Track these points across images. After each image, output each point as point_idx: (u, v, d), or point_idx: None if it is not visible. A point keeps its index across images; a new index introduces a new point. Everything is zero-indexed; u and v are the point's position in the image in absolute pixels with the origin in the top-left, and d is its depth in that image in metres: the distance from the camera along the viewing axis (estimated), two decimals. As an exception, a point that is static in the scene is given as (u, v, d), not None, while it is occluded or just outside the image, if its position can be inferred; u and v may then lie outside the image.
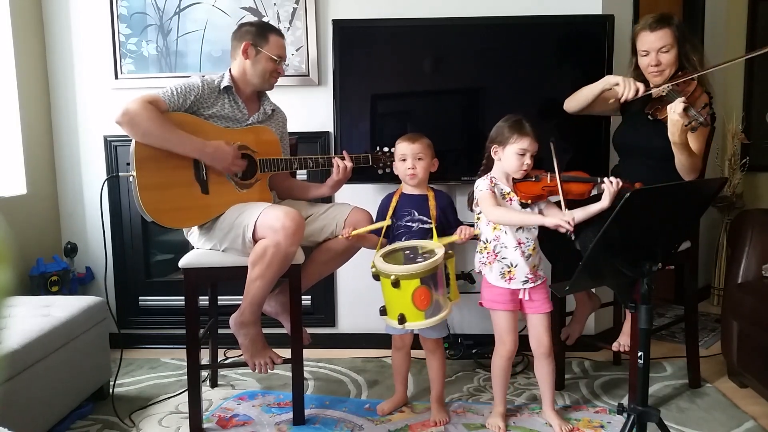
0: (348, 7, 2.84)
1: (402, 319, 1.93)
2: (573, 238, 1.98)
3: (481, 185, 2.08)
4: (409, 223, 2.15)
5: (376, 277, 1.96)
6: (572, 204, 2.06)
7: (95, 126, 3.01)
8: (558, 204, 2.08)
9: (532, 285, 2.06)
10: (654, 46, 2.23)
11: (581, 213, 1.99)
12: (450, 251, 2.01)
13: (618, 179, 2.00)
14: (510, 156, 2.04)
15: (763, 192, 3.69)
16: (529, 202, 2.05)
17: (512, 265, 2.05)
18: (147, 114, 2.01)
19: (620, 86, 2.22)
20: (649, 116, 2.23)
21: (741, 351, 2.36)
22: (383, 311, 2.03)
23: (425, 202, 2.17)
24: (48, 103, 3.04)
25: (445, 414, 2.23)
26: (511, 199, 2.07)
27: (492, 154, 2.10)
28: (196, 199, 2.12)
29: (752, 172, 3.63)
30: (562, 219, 1.92)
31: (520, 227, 2.05)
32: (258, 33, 2.24)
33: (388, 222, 2.15)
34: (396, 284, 1.90)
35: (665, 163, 2.20)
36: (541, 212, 2.09)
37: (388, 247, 2.08)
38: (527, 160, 2.03)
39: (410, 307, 1.91)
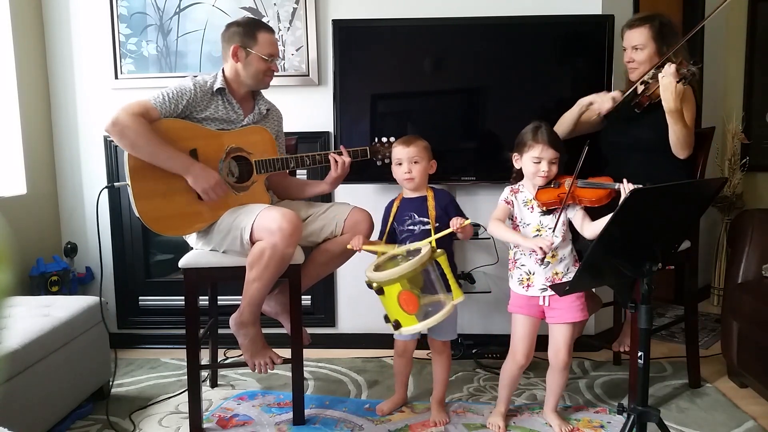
0: (348, 7, 2.84)
1: (397, 325, 1.89)
2: (541, 263, 2.00)
3: (503, 194, 2.09)
4: (411, 227, 2.14)
5: (370, 285, 1.94)
6: (591, 211, 2.01)
7: (95, 126, 3.01)
8: (587, 210, 2.02)
9: (552, 293, 2.01)
10: (629, 44, 2.32)
11: (602, 225, 1.95)
12: (439, 249, 1.92)
13: (635, 186, 1.90)
14: (527, 164, 2.03)
15: (763, 192, 3.69)
16: (544, 209, 2.02)
17: (530, 273, 2.03)
18: (136, 128, 1.97)
19: (595, 103, 2.33)
20: (636, 109, 2.26)
21: (741, 351, 2.36)
22: (387, 319, 1.97)
23: (424, 203, 2.15)
24: (48, 103, 3.04)
25: (445, 414, 2.23)
26: (532, 207, 2.05)
27: (514, 162, 2.09)
28: (192, 206, 2.10)
29: (752, 172, 3.63)
30: (537, 245, 1.90)
31: (537, 234, 2.01)
32: (246, 33, 2.19)
33: (396, 250, 2.04)
34: (380, 291, 1.87)
35: (653, 154, 2.23)
36: (568, 222, 2.03)
37: (388, 254, 2.04)
38: (543, 167, 1.99)
39: (401, 313, 1.87)
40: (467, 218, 2.04)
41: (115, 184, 2.40)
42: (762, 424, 2.15)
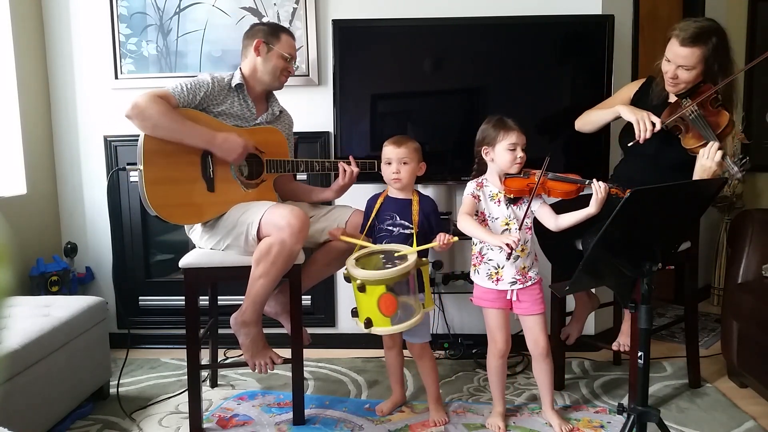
0: (348, 7, 2.84)
1: (368, 323, 1.91)
2: (508, 258, 1.96)
3: (468, 188, 2.10)
4: (390, 227, 2.13)
5: (348, 279, 1.94)
6: (561, 204, 2.05)
7: (95, 126, 3.01)
8: (552, 206, 2.06)
9: (521, 286, 2.05)
10: (677, 61, 2.10)
11: (569, 218, 1.98)
12: (424, 258, 1.96)
13: (606, 184, 1.92)
14: (501, 153, 2.04)
15: (763, 192, 3.69)
16: (512, 196, 2.03)
17: (499, 266, 2.05)
18: (157, 107, 2.02)
19: (635, 125, 2.11)
20: (665, 127, 2.14)
21: (741, 351, 2.36)
22: (354, 313, 2.00)
23: (408, 206, 2.14)
24: (48, 103, 3.04)
25: (444, 414, 2.23)
26: (499, 201, 2.06)
27: (483, 155, 2.09)
28: (201, 196, 2.13)
29: (752, 172, 3.63)
30: (504, 241, 1.89)
31: (506, 229, 2.03)
32: (270, 32, 2.27)
33: (367, 243, 2.09)
34: (362, 289, 1.88)
35: (673, 172, 2.15)
36: (526, 214, 2.04)
37: (365, 250, 2.05)
38: (519, 154, 2.02)
39: (376, 313, 1.89)
40: (452, 234, 2.03)
41: (127, 166, 2.37)
42: (762, 424, 2.15)
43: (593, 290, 2.58)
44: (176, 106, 2.09)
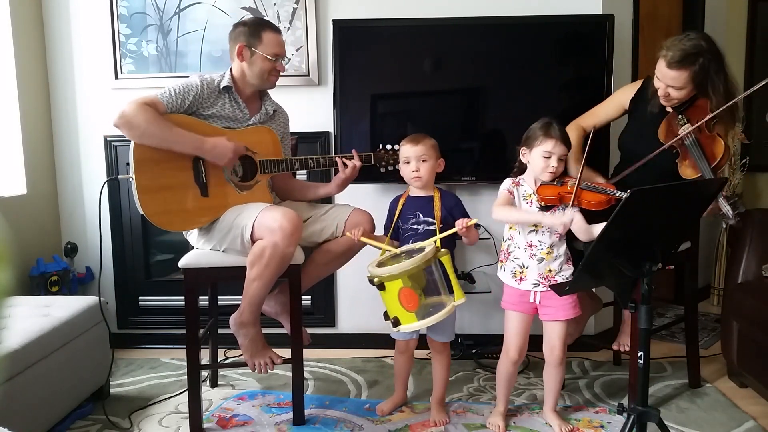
0: (348, 7, 2.84)
1: (396, 322, 1.88)
2: (559, 238, 1.97)
3: (504, 184, 2.09)
4: (415, 226, 2.13)
5: (372, 281, 1.93)
6: (589, 214, 2.00)
7: (95, 126, 3.01)
8: (583, 213, 2.00)
9: (544, 289, 2.02)
10: (665, 81, 2.10)
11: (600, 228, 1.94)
12: (443, 249, 1.92)
13: None
14: (536, 158, 2.02)
15: (763, 192, 3.69)
16: (542, 204, 2.01)
17: (523, 266, 2.04)
18: (144, 115, 1.99)
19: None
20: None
21: (741, 351, 2.36)
22: (386, 316, 1.97)
23: (430, 203, 2.14)
24: (48, 104, 3.04)
25: (445, 415, 2.23)
26: (531, 202, 2.04)
27: (521, 156, 2.08)
28: (195, 202, 2.11)
29: (752, 172, 3.63)
30: (560, 221, 1.89)
31: (533, 230, 2.02)
32: (251, 33, 2.19)
33: (393, 249, 2.04)
34: (381, 287, 1.86)
35: (673, 179, 2.13)
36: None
37: (391, 252, 2.03)
38: (553, 163, 1.98)
39: (401, 310, 1.87)
40: (474, 219, 2.03)
41: (119, 176, 2.40)
42: (762, 424, 2.15)
43: (594, 292, 2.58)
44: (164, 112, 2.06)
